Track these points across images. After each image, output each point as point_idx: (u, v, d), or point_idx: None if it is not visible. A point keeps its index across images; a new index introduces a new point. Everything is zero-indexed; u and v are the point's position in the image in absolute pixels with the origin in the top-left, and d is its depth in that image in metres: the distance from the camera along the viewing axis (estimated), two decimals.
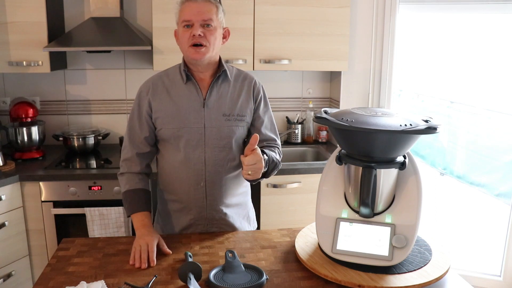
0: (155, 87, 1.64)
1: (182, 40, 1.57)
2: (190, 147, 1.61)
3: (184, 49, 1.58)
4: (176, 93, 1.62)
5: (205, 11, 1.53)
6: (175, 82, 1.64)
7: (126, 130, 1.69)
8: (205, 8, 1.53)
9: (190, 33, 1.53)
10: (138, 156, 1.66)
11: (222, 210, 1.69)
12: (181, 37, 1.57)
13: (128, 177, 1.66)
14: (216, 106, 1.63)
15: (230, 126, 1.63)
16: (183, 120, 1.60)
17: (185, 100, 1.62)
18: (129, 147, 1.67)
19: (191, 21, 1.53)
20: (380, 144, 1.27)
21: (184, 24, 1.54)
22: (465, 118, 3.66)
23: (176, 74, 1.66)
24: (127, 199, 1.64)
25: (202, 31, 1.53)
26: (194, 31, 1.52)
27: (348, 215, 1.38)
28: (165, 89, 1.64)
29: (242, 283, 1.27)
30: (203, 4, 1.54)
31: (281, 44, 2.72)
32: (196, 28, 1.52)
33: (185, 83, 1.63)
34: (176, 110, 1.61)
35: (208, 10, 1.54)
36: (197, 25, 1.53)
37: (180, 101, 1.62)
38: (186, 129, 1.61)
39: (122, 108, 3.05)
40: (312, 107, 3.15)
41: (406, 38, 3.09)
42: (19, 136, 2.63)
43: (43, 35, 2.56)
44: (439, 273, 1.30)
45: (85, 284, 1.23)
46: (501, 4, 2.70)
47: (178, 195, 1.68)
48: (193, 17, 1.52)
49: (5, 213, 2.32)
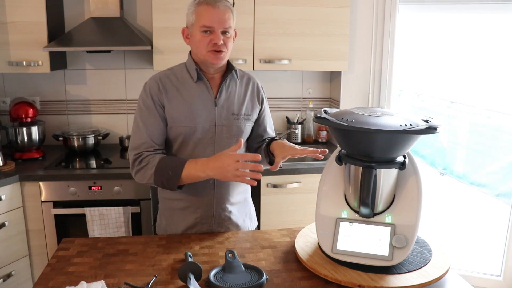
0: (164, 84, 1.62)
1: (199, 44, 1.56)
2: (201, 145, 1.62)
3: (202, 53, 1.57)
4: (187, 92, 1.62)
5: (226, 19, 1.54)
6: (184, 81, 1.64)
7: (140, 130, 1.59)
8: (226, 15, 1.54)
9: (210, 40, 1.54)
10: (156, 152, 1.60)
11: (228, 208, 1.70)
12: (199, 41, 1.56)
13: (153, 156, 1.56)
14: (226, 105, 1.64)
15: (239, 125, 1.65)
16: (195, 118, 1.60)
17: (197, 99, 1.62)
18: (149, 144, 1.58)
19: (212, 28, 1.53)
20: (380, 144, 1.27)
21: (204, 29, 1.54)
22: (465, 118, 3.66)
23: (184, 73, 1.65)
24: (165, 166, 1.51)
25: (222, 38, 1.54)
26: (216, 40, 1.53)
27: (348, 215, 1.38)
28: (174, 87, 1.63)
29: (242, 283, 1.27)
30: (224, 11, 1.54)
31: (281, 44, 2.72)
32: (218, 36, 1.53)
33: (195, 82, 1.63)
34: (188, 108, 1.60)
35: (228, 17, 1.55)
36: (218, 32, 1.54)
37: (191, 100, 1.61)
38: (198, 128, 1.61)
39: (122, 108, 3.05)
40: (312, 107, 3.15)
41: (406, 38, 3.09)
42: (19, 136, 2.63)
43: (43, 35, 2.56)
44: (439, 273, 1.30)
45: (85, 284, 1.23)
46: (501, 4, 2.70)
47: (184, 193, 1.66)
48: (215, 25, 1.53)
49: (5, 213, 2.32)
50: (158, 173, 1.52)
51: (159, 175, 1.52)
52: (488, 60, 3.17)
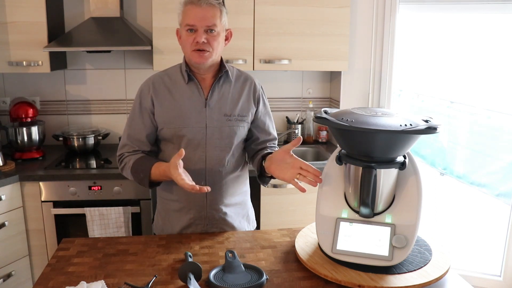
0: (156, 86, 1.64)
1: (185, 44, 1.57)
2: (192, 146, 1.62)
3: (187, 52, 1.58)
4: (178, 93, 1.62)
5: (209, 17, 1.52)
6: (176, 82, 1.64)
7: (125, 130, 1.68)
8: (209, 13, 1.52)
9: (193, 38, 1.53)
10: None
11: (222, 210, 1.69)
12: (184, 40, 1.56)
13: (130, 156, 1.64)
14: (218, 106, 1.63)
15: (231, 126, 1.64)
16: (185, 120, 1.61)
17: (187, 100, 1.62)
18: (130, 145, 1.66)
19: (194, 26, 1.53)
20: (380, 144, 1.27)
21: (188, 28, 1.54)
22: (465, 118, 3.66)
23: (177, 74, 1.66)
24: (136, 169, 1.60)
25: (206, 37, 1.53)
26: (198, 38, 1.52)
27: (348, 215, 1.38)
28: (166, 88, 1.64)
29: (242, 283, 1.27)
30: (207, 9, 1.52)
31: (281, 44, 2.72)
32: (200, 34, 1.52)
33: (186, 83, 1.63)
34: (178, 110, 1.61)
35: (212, 15, 1.53)
36: (201, 31, 1.52)
37: (182, 101, 1.62)
38: (188, 129, 1.61)
39: (122, 108, 3.05)
40: (312, 107, 3.15)
41: (406, 38, 3.09)
42: (19, 136, 2.63)
43: (43, 35, 2.56)
44: (439, 273, 1.30)
45: (85, 284, 1.23)
46: (501, 4, 2.70)
47: (178, 195, 1.68)
48: (197, 23, 1.52)
49: (5, 213, 2.32)
50: (133, 174, 1.62)
51: (134, 176, 1.62)
52: (488, 60, 3.17)
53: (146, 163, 1.59)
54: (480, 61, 3.23)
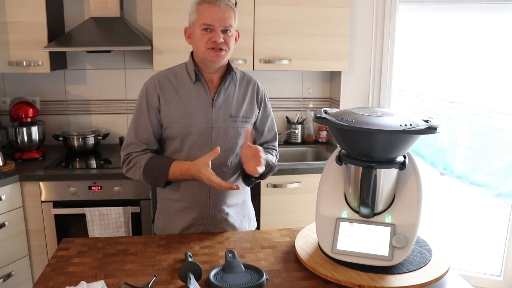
0: (162, 84, 1.63)
1: (199, 42, 1.57)
2: (197, 146, 1.62)
3: (201, 51, 1.57)
4: (185, 93, 1.62)
5: (226, 18, 1.54)
6: (182, 81, 1.64)
7: (131, 128, 1.65)
8: (227, 14, 1.54)
9: (209, 37, 1.54)
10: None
11: (224, 210, 1.70)
12: (199, 39, 1.56)
13: (141, 156, 1.61)
14: (224, 107, 1.64)
15: (236, 127, 1.65)
16: (191, 119, 1.61)
17: (194, 100, 1.62)
18: (137, 144, 1.63)
19: (212, 26, 1.54)
20: (380, 144, 1.27)
21: (204, 27, 1.54)
22: (465, 118, 3.66)
23: (183, 73, 1.65)
24: (151, 168, 1.57)
25: (223, 37, 1.54)
26: (216, 37, 1.53)
27: (348, 215, 1.38)
28: (172, 87, 1.63)
29: (242, 283, 1.27)
30: (225, 10, 1.54)
31: (281, 44, 2.72)
32: (218, 34, 1.54)
33: (193, 83, 1.63)
34: (184, 109, 1.61)
35: (229, 16, 1.55)
36: (218, 31, 1.54)
37: (188, 101, 1.61)
38: (194, 129, 1.61)
39: (122, 108, 3.05)
40: (312, 107, 3.15)
41: (406, 38, 3.09)
42: (19, 136, 2.63)
43: (43, 35, 2.56)
44: (439, 273, 1.30)
45: (85, 284, 1.23)
46: (501, 4, 2.70)
47: (181, 194, 1.67)
48: (215, 23, 1.53)
49: (5, 213, 2.32)
50: (145, 174, 1.59)
51: (147, 176, 1.59)
52: (488, 60, 3.18)
53: (163, 162, 1.58)
54: (480, 61, 3.24)
